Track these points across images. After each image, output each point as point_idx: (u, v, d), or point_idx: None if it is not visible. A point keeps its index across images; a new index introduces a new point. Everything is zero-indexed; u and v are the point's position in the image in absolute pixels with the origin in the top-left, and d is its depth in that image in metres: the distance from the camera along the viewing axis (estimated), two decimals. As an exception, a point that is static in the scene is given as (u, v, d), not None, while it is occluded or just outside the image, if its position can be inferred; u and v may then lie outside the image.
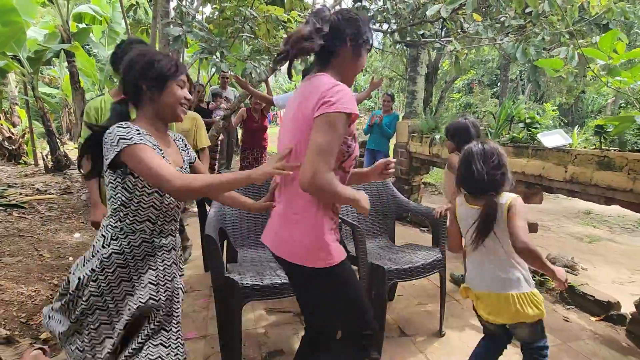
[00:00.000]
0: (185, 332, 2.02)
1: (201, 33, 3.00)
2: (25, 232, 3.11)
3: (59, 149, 5.71)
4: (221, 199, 1.42)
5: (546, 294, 2.60)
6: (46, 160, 5.70)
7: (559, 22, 3.13)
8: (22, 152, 7.17)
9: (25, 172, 5.94)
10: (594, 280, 3.09)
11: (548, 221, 4.93)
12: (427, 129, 4.19)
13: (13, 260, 2.59)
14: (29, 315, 2.09)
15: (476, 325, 2.15)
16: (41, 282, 2.43)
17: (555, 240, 4.18)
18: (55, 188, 4.61)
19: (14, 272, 2.43)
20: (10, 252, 2.69)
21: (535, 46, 2.85)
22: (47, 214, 3.66)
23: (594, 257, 3.67)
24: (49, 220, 3.51)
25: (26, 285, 2.35)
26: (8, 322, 1.98)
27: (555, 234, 4.48)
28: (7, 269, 2.45)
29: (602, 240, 4.19)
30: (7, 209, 3.57)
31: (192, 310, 2.31)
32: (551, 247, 3.92)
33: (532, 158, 2.70)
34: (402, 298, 2.52)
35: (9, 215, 3.41)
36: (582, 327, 2.20)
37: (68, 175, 5.40)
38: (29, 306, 2.17)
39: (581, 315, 2.34)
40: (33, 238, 3.03)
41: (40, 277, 2.49)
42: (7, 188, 4.29)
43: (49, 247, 2.95)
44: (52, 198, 4.15)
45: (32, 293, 2.29)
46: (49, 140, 5.61)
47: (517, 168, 2.82)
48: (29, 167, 6.70)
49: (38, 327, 2.02)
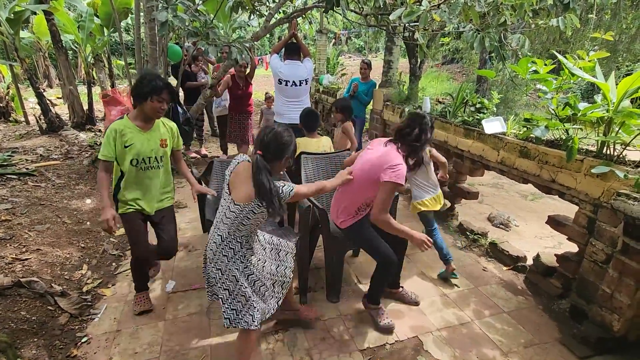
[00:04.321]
0: (192, 284, 2.67)
1: (185, 16, 3.20)
2: (44, 201, 3.59)
3: (50, 110, 5.90)
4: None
5: (476, 249, 3.30)
6: (40, 122, 5.92)
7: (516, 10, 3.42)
8: (10, 108, 7.28)
9: (20, 132, 6.19)
10: (521, 235, 3.82)
11: (505, 179, 5.61)
12: (399, 100, 4.59)
13: (43, 227, 3.11)
14: (70, 274, 2.68)
15: (427, 276, 2.85)
16: (71, 246, 2.99)
17: (503, 199, 4.88)
18: (56, 153, 4.96)
19: (47, 238, 2.97)
20: (38, 221, 3.20)
21: (490, 38, 3.19)
22: (57, 181, 4.10)
23: (529, 214, 4.40)
24: (60, 188, 3.97)
25: (60, 248, 2.91)
26: (56, 279, 2.57)
27: (505, 192, 5.17)
28: (42, 235, 2.99)
29: (542, 198, 4.91)
30: (20, 177, 3.99)
31: (196, 266, 2.93)
32: (497, 205, 4.63)
33: (476, 140, 3.22)
34: (364, 254, 3.18)
35: (25, 184, 3.85)
36: (494, 275, 2.93)
37: (64, 137, 5.69)
38: (67, 266, 2.76)
39: (497, 266, 3.07)
40: (52, 206, 3.53)
41: (69, 242, 3.04)
42: (12, 154, 4.63)
43: (68, 214, 3.46)
44: (56, 164, 4.54)
45: (67, 255, 2.86)
46: (40, 102, 5.77)
47: (465, 147, 3.36)
48: (21, 125, 6.89)
49: (79, 281, 2.63)
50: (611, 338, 2.09)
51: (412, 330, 2.28)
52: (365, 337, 2.21)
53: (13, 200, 3.45)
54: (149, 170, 2.18)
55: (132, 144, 2.07)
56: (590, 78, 2.28)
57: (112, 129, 2.05)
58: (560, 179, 2.46)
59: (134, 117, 2.11)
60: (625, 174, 2.00)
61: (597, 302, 2.19)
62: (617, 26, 5.46)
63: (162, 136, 2.20)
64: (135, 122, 2.10)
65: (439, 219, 3.87)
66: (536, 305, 2.57)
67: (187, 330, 2.23)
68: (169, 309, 2.42)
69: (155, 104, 2.04)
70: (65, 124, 6.23)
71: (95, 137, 6.00)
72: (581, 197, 2.34)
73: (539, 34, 6.14)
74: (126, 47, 6.18)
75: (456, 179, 3.73)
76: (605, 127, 2.26)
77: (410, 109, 4.20)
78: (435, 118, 3.78)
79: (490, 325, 2.35)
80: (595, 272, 2.24)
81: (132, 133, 2.08)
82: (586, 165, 2.27)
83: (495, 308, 2.52)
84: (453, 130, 3.50)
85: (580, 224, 2.38)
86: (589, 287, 2.29)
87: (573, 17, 3.29)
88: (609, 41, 5.30)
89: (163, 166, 2.25)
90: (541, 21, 3.61)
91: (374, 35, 12.00)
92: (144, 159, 2.13)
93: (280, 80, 3.81)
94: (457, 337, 2.25)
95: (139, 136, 2.10)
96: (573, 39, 5.82)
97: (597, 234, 2.23)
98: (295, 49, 3.86)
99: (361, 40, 22.40)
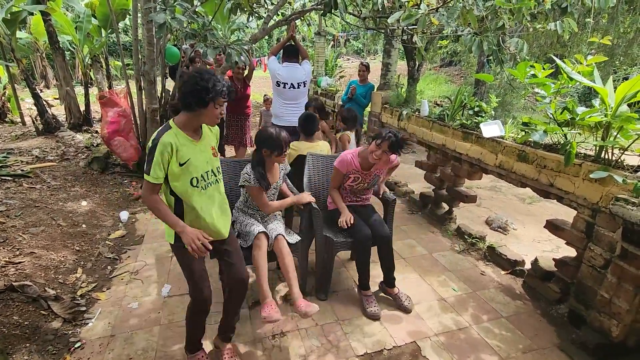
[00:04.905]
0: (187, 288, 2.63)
1: (183, 18, 3.18)
2: (39, 203, 3.55)
3: (46, 111, 5.86)
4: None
5: (474, 253, 3.29)
6: (36, 123, 5.88)
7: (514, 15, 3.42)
8: (6, 109, 7.23)
9: (16, 133, 6.15)
10: (519, 238, 3.82)
11: (503, 183, 5.61)
12: (397, 103, 4.59)
13: (38, 230, 3.07)
14: (64, 277, 2.65)
15: (425, 280, 2.84)
16: (66, 249, 2.96)
17: (501, 202, 4.88)
18: (52, 154, 4.93)
19: (42, 241, 2.94)
20: (33, 223, 3.16)
21: (489, 42, 3.19)
22: (52, 183, 4.06)
23: (527, 218, 4.40)
24: (56, 190, 3.93)
25: (55, 252, 2.87)
26: (50, 282, 2.54)
27: (503, 195, 5.18)
28: (36, 238, 2.95)
29: (540, 202, 4.91)
30: (15, 179, 3.95)
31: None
32: (495, 208, 4.62)
33: (475, 144, 3.21)
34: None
35: (20, 186, 3.81)
36: (492, 279, 2.92)
37: (60, 138, 5.66)
38: (62, 269, 2.72)
39: (495, 270, 3.05)
40: (48, 208, 3.49)
41: (64, 245, 3.01)
42: (8, 155, 4.59)
43: (63, 216, 3.42)
44: (52, 165, 4.50)
45: (62, 258, 2.83)
46: (36, 103, 5.74)
47: (463, 150, 3.35)
48: (17, 126, 6.85)
49: (74, 285, 2.60)
50: (610, 344, 2.08)
51: (409, 335, 2.26)
52: (362, 343, 2.19)
53: (7, 203, 3.41)
54: (210, 188, 1.78)
55: (188, 159, 1.67)
56: (589, 82, 2.28)
57: (164, 143, 1.58)
58: (558, 183, 2.46)
59: (183, 125, 1.67)
60: (624, 178, 2.00)
61: (595, 308, 2.17)
62: (615, 30, 5.48)
63: (211, 143, 1.81)
64: (185, 131, 1.68)
65: (437, 222, 3.86)
66: (534, 310, 2.55)
67: (182, 335, 2.19)
68: (165, 314, 2.39)
69: (217, 110, 1.66)
70: (62, 125, 6.20)
71: (92, 138, 5.97)
72: (579, 201, 2.33)
73: (537, 37, 6.16)
74: (124, 48, 6.15)
75: (454, 182, 3.72)
76: (603, 131, 2.26)
77: (409, 112, 4.20)
78: (433, 121, 3.78)
79: (489, 331, 2.33)
80: (594, 277, 2.23)
81: (186, 146, 1.66)
82: (584, 169, 2.26)
83: (493, 313, 2.50)
84: (451, 134, 3.50)
85: (579, 229, 2.37)
86: (588, 292, 2.28)
87: (571, 21, 3.30)
88: (607, 45, 5.32)
89: (221, 178, 1.89)
90: (539, 25, 3.62)
91: (373, 38, 12.06)
92: (202, 176, 1.73)
93: (279, 82, 3.79)
94: (455, 342, 2.23)
95: (192, 149, 1.69)
96: (571, 42, 5.84)
97: (596, 239, 2.22)
98: (294, 51, 3.85)
99: (360, 42, 22.46)
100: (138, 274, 2.82)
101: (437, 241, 3.50)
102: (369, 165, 2.48)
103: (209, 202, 1.77)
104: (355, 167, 2.48)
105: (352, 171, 2.50)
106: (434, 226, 3.81)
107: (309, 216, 2.52)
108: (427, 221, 3.93)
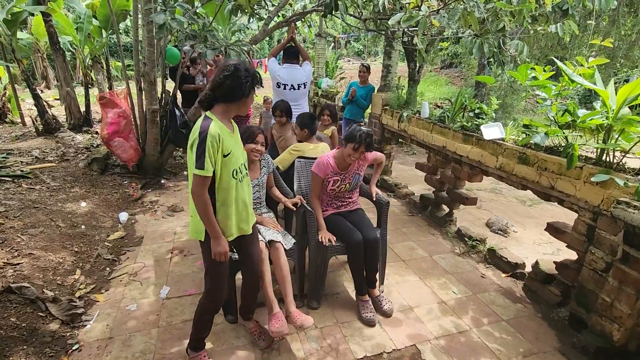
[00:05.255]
0: (186, 289, 2.63)
1: (183, 19, 3.18)
2: (38, 204, 3.54)
3: (47, 111, 5.86)
4: None
5: (475, 255, 3.28)
6: (36, 123, 5.87)
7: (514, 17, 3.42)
8: (7, 110, 7.23)
9: (16, 134, 6.14)
10: (519, 241, 3.80)
11: (503, 185, 5.60)
12: (397, 105, 4.58)
13: (36, 231, 3.06)
14: (62, 279, 2.63)
15: (424, 283, 2.82)
16: (65, 250, 2.95)
17: (501, 204, 4.87)
18: (52, 155, 4.92)
19: (40, 242, 2.93)
20: (31, 224, 3.15)
21: (489, 44, 3.18)
22: (51, 183, 4.05)
23: (528, 220, 4.39)
24: (55, 190, 3.92)
25: (53, 253, 2.86)
26: (48, 284, 2.52)
27: (504, 198, 5.17)
28: (35, 239, 2.94)
29: (540, 204, 4.90)
30: (14, 179, 3.94)
31: (191, 271, 2.89)
32: (495, 210, 4.61)
33: (475, 146, 3.20)
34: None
35: (19, 186, 3.80)
36: (493, 282, 2.90)
37: (60, 139, 5.65)
38: (60, 270, 2.71)
39: (496, 272, 3.04)
40: (47, 209, 3.48)
41: (63, 246, 3.00)
42: (7, 156, 4.58)
43: (62, 217, 3.41)
44: (52, 166, 4.50)
45: (60, 259, 2.81)
46: (36, 104, 5.73)
47: (464, 152, 3.34)
48: (17, 126, 6.84)
49: (72, 287, 2.58)
50: (611, 348, 2.07)
51: (409, 338, 2.25)
52: (362, 346, 2.17)
53: (6, 203, 3.40)
54: (245, 180, 1.82)
55: (230, 151, 1.66)
56: (590, 85, 2.27)
57: (212, 134, 1.56)
58: (559, 185, 2.44)
59: (222, 116, 1.68)
60: (625, 181, 1.98)
61: (596, 311, 2.16)
62: (616, 32, 5.47)
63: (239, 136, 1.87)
64: (224, 122, 1.68)
65: (437, 225, 3.85)
66: (535, 313, 2.54)
67: (181, 337, 2.19)
68: (163, 316, 2.38)
69: (252, 99, 1.73)
70: (62, 125, 6.19)
71: (92, 139, 5.96)
72: (581, 204, 2.32)
73: (538, 40, 6.15)
74: (125, 49, 6.15)
75: (455, 184, 3.71)
76: (604, 134, 2.25)
77: (409, 114, 4.19)
78: (434, 123, 3.77)
79: (489, 334, 2.32)
80: (595, 280, 2.22)
81: (227, 137, 1.66)
82: (585, 172, 2.25)
83: (493, 316, 2.49)
84: (452, 136, 3.49)
85: (580, 232, 2.36)
86: (589, 296, 2.26)
87: (572, 23, 3.29)
88: (608, 47, 5.31)
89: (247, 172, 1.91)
90: (540, 27, 3.61)
91: (373, 40, 12.07)
92: (239, 168, 1.74)
93: (279, 83, 3.79)
94: (456, 345, 2.21)
95: (231, 140, 1.69)
96: (571, 45, 5.84)
97: (597, 242, 2.20)
98: (295, 52, 3.85)
99: (360, 44, 22.48)
100: (137, 276, 2.81)
101: (437, 243, 3.49)
102: (346, 165, 2.47)
103: (242, 195, 1.80)
104: (333, 168, 2.47)
105: (331, 174, 2.47)
106: (434, 228, 3.80)
107: (302, 219, 2.50)
108: (427, 223, 3.92)
